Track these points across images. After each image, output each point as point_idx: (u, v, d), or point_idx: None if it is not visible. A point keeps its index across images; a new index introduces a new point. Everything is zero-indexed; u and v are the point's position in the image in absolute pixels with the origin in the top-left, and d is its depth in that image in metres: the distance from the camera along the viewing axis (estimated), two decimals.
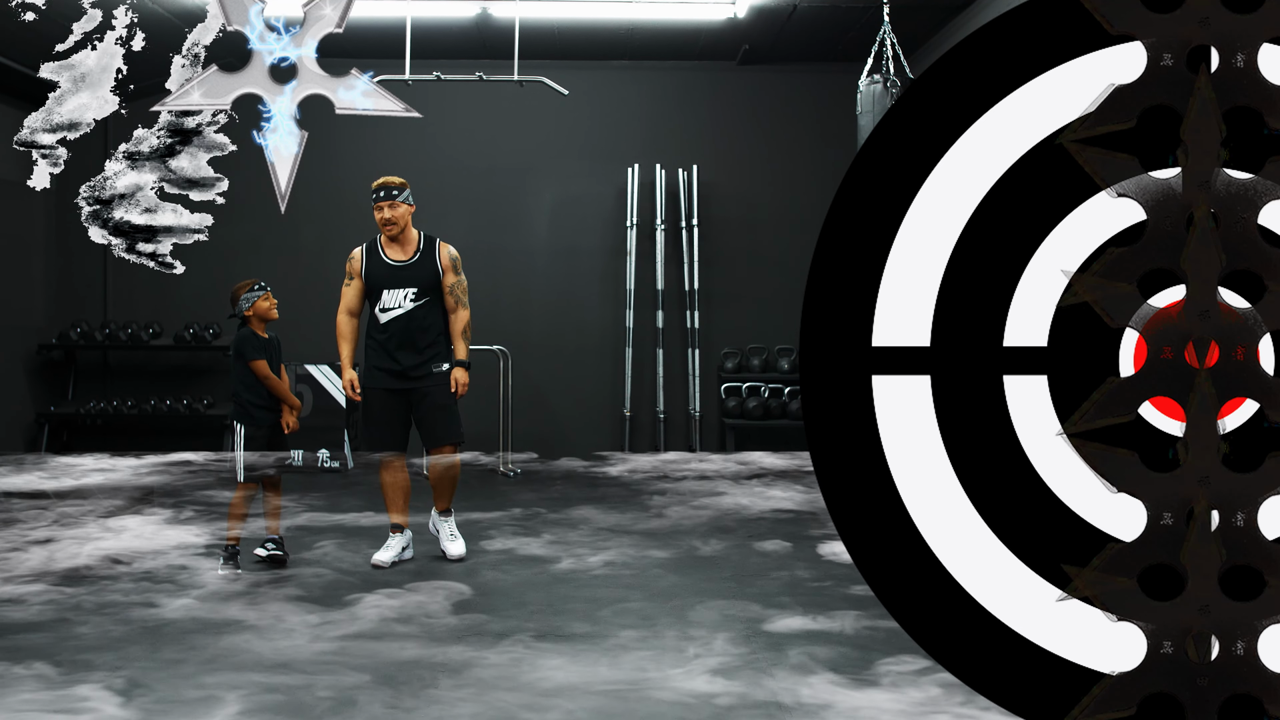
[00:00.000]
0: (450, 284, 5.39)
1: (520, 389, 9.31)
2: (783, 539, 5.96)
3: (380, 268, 5.38)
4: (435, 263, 5.38)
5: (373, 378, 5.41)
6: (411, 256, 5.38)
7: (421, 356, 5.34)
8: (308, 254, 9.39)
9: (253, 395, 5.34)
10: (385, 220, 5.28)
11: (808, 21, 8.36)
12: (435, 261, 5.38)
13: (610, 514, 6.79)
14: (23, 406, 9.26)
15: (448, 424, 5.39)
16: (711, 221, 9.62)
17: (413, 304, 5.33)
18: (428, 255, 5.39)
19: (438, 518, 5.50)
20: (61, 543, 5.65)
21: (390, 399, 5.37)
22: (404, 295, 5.33)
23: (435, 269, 5.37)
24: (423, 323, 5.34)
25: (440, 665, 3.81)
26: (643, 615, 4.47)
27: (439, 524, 5.48)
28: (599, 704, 3.45)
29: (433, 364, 5.37)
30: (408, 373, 5.34)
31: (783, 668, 3.79)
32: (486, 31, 8.68)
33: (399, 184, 5.33)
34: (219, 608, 4.54)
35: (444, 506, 5.47)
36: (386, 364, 5.36)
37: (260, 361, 5.31)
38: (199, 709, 3.38)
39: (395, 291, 5.34)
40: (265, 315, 5.38)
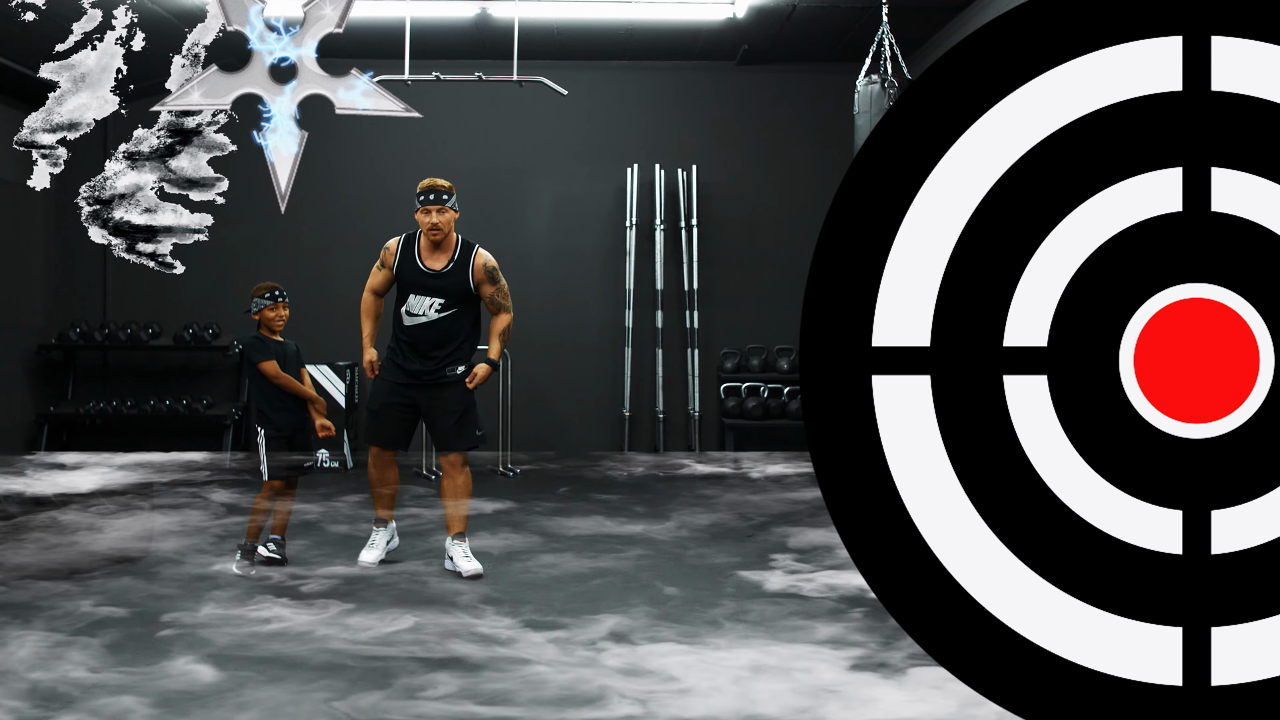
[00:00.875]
0: (489, 294, 5.21)
1: (520, 389, 9.32)
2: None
3: (412, 271, 5.19)
4: (468, 275, 5.16)
5: (385, 369, 5.27)
6: (445, 265, 5.16)
7: (435, 364, 5.17)
8: (307, 254, 9.39)
9: (266, 400, 5.32)
10: (432, 225, 5.09)
11: (807, 22, 8.36)
12: (468, 274, 5.16)
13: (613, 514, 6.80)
14: (22, 407, 9.26)
15: (459, 431, 5.21)
16: (711, 221, 9.63)
17: (438, 314, 5.14)
18: (461, 266, 5.17)
19: (451, 543, 5.25)
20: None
21: (396, 395, 5.23)
22: (430, 305, 5.14)
23: (467, 282, 5.16)
24: (445, 334, 5.17)
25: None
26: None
27: (452, 548, 5.23)
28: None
29: (447, 368, 5.17)
30: (418, 376, 5.18)
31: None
32: (486, 31, 8.68)
33: (448, 188, 5.14)
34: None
35: (457, 531, 5.24)
36: (399, 362, 5.21)
37: (269, 363, 5.24)
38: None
39: (422, 299, 5.15)
40: (270, 325, 5.33)
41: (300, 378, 5.42)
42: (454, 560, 5.18)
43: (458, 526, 5.22)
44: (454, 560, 5.18)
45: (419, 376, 5.18)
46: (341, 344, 9.24)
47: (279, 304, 5.34)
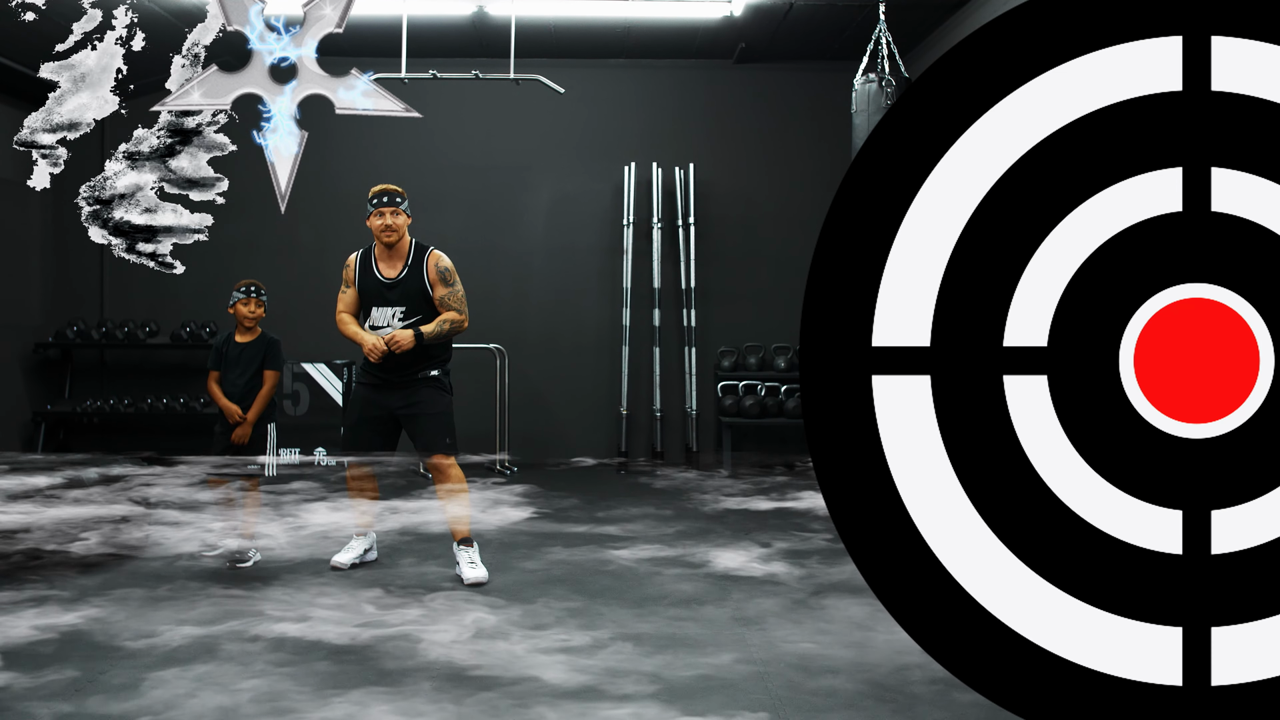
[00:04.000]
0: (440, 296, 5.10)
1: (517, 387, 9.32)
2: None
3: (371, 283, 5.15)
4: (423, 277, 5.10)
5: (357, 381, 5.25)
6: (400, 273, 5.10)
7: (405, 374, 5.11)
8: (306, 253, 9.39)
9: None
10: (385, 226, 5.04)
11: (804, 20, 8.37)
12: (423, 276, 5.10)
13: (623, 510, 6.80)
14: (19, 405, 9.25)
15: (441, 430, 5.15)
16: (708, 220, 9.63)
17: (400, 324, 5.08)
18: (415, 270, 5.10)
19: (457, 549, 5.13)
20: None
21: (372, 407, 5.17)
22: (393, 314, 5.09)
23: (423, 284, 5.10)
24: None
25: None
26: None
27: (458, 554, 5.11)
28: None
29: (420, 371, 5.13)
30: (391, 377, 5.12)
31: None
32: (483, 30, 8.68)
33: (400, 191, 5.11)
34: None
35: (461, 537, 5.13)
36: (371, 371, 5.15)
37: (211, 372, 5.45)
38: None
39: (384, 310, 5.10)
40: (240, 320, 5.42)
41: (260, 377, 5.44)
42: (459, 567, 5.08)
43: (462, 532, 5.14)
44: (459, 567, 5.08)
45: (392, 377, 5.11)
46: (339, 343, 9.22)
47: (250, 299, 5.41)
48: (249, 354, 5.45)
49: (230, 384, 5.44)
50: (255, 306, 5.43)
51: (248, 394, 5.41)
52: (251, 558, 5.32)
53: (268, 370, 5.47)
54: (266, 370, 5.47)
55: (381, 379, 5.15)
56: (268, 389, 5.46)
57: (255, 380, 5.43)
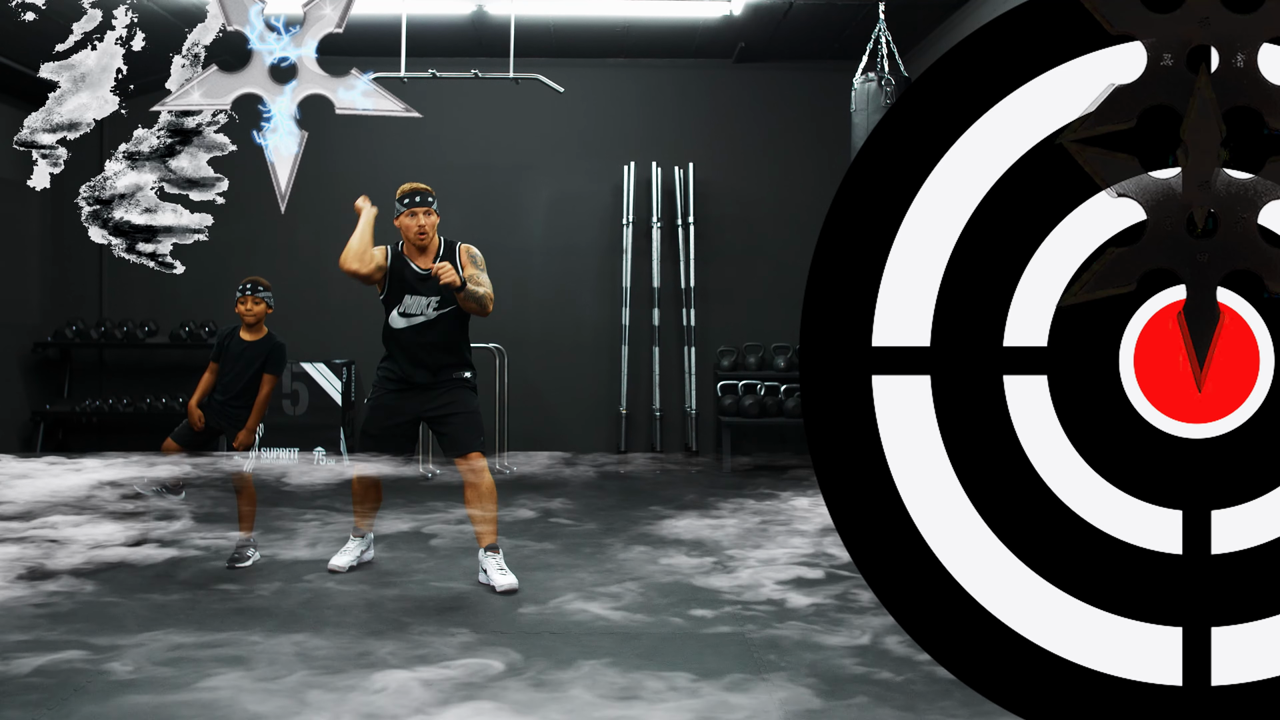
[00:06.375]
0: (472, 274, 4.99)
1: (516, 387, 9.31)
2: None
3: (407, 272, 5.06)
4: (456, 265, 5.00)
5: (380, 391, 5.13)
6: (435, 262, 4.99)
7: (439, 371, 5.06)
8: (306, 253, 9.38)
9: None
10: (419, 229, 5.00)
11: (803, 19, 8.36)
12: (456, 264, 5.00)
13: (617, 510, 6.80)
14: (18, 405, 9.25)
15: (472, 431, 5.05)
16: (707, 219, 9.62)
17: (436, 312, 5.03)
18: (450, 259, 5.03)
19: (484, 555, 5.04)
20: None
21: (397, 416, 5.09)
22: (429, 304, 5.03)
23: (459, 271, 4.94)
24: (443, 334, 5.05)
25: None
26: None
27: (485, 561, 5.03)
28: None
29: (454, 372, 5.08)
30: (422, 385, 5.06)
31: None
32: (482, 29, 8.67)
33: (432, 191, 5.05)
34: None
35: (488, 542, 5.04)
36: (398, 374, 5.08)
37: (211, 364, 5.45)
38: None
39: (419, 298, 5.03)
40: (241, 317, 5.40)
41: (259, 379, 5.38)
42: (488, 574, 4.99)
43: (489, 538, 5.04)
44: (488, 574, 4.99)
45: (423, 385, 5.05)
46: (338, 342, 9.24)
47: (248, 297, 5.38)
48: (251, 353, 5.38)
49: (226, 380, 5.38)
50: (254, 304, 5.38)
51: (243, 394, 5.35)
52: (251, 558, 5.32)
53: (267, 374, 5.40)
54: (266, 374, 5.39)
55: (410, 383, 5.07)
56: (265, 394, 5.38)
57: (253, 381, 5.37)
